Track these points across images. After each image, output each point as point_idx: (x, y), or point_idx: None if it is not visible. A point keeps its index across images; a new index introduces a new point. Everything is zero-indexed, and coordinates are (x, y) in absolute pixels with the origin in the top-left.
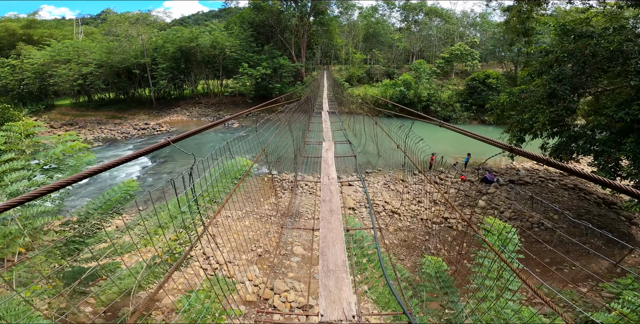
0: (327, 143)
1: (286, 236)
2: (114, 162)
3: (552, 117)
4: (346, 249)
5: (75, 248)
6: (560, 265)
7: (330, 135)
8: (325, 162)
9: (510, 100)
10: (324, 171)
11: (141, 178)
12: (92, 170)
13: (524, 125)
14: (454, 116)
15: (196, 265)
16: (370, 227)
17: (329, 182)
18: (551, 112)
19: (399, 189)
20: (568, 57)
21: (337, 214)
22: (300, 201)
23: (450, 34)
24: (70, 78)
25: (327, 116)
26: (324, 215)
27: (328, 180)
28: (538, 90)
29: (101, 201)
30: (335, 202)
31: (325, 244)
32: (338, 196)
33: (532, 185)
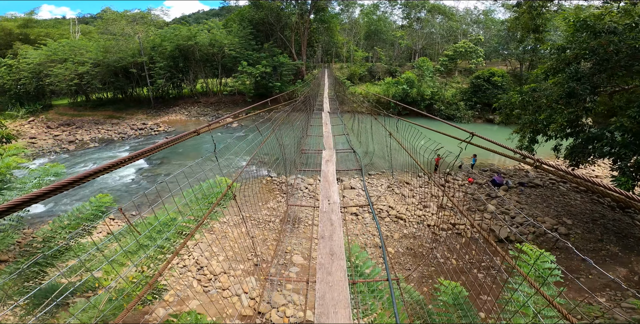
0: (328, 153)
1: (284, 245)
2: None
3: (571, 118)
4: (353, 315)
5: (40, 270)
6: (576, 274)
7: (331, 141)
8: (325, 179)
9: (522, 99)
10: (324, 192)
11: (136, 180)
12: (89, 171)
13: (537, 125)
14: (458, 115)
15: (189, 276)
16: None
17: (330, 209)
18: (570, 112)
19: (403, 193)
20: (590, 54)
21: (340, 259)
22: (299, 204)
23: (453, 32)
24: (67, 78)
25: (328, 118)
26: (322, 260)
27: (328, 205)
28: (554, 89)
29: (70, 219)
30: (338, 240)
31: (324, 309)
32: (341, 229)
33: (543, 188)
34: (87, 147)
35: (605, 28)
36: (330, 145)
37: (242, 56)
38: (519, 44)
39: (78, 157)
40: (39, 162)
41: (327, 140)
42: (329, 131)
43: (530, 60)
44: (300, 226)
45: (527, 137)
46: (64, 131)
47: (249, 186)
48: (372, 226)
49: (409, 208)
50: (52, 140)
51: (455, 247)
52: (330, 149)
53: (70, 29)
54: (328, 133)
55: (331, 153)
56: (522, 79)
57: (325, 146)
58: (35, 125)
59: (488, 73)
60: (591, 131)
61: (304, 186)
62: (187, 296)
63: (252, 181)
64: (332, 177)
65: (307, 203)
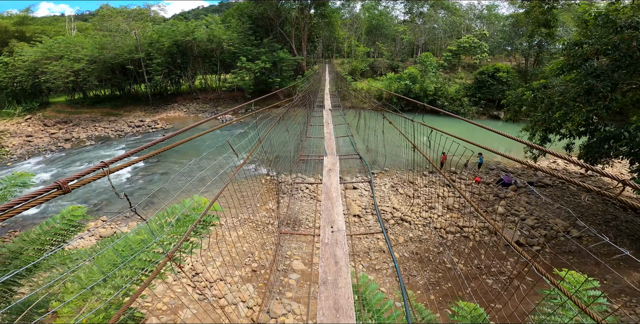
0: (331, 160)
1: (284, 249)
2: None
3: (590, 117)
4: None
5: (7, 289)
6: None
7: (334, 144)
8: (328, 195)
9: (535, 96)
10: (326, 214)
11: (131, 179)
12: None
13: (551, 124)
14: (461, 111)
15: (184, 282)
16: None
17: (334, 240)
18: (588, 110)
19: (408, 193)
20: (612, 49)
21: (349, 317)
22: (300, 208)
23: (456, 27)
24: (62, 75)
25: (330, 116)
26: (323, 318)
27: (332, 233)
28: (571, 86)
29: (37, 234)
30: (345, 286)
31: None
32: (349, 269)
33: (553, 188)
34: (83, 145)
35: (628, 23)
36: (332, 150)
37: (241, 52)
38: (528, 39)
39: (74, 155)
40: (34, 160)
41: (329, 143)
42: (330, 132)
43: (535, 56)
44: (300, 228)
45: (538, 135)
46: (61, 129)
47: (247, 186)
48: (376, 229)
49: (414, 210)
50: (48, 138)
51: (463, 251)
52: (333, 155)
53: (66, 26)
54: (330, 134)
55: (334, 160)
56: (528, 75)
57: (327, 150)
58: (32, 123)
59: (493, 69)
60: (608, 130)
61: (304, 186)
62: (182, 304)
63: (251, 181)
64: (335, 193)
65: (307, 204)
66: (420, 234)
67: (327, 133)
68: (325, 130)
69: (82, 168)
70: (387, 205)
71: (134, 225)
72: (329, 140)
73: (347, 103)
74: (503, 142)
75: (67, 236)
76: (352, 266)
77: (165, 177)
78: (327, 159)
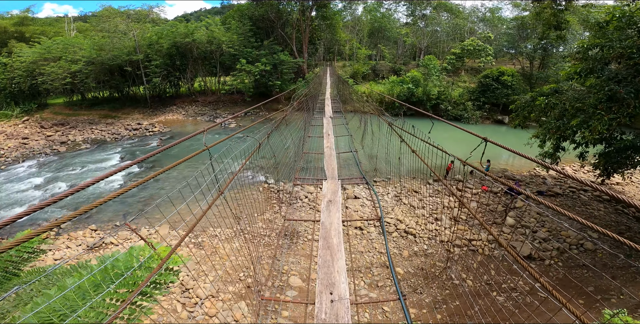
0: (331, 187)
1: (281, 264)
2: None
3: (612, 125)
4: None
5: None
6: (606, 294)
7: (335, 164)
8: (327, 243)
9: (548, 102)
10: (324, 272)
11: (123, 186)
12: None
13: (566, 131)
14: (465, 115)
15: (173, 298)
16: None
17: (333, 315)
18: (611, 119)
19: (412, 203)
20: (637, 53)
21: None
22: (298, 218)
23: (459, 29)
24: (60, 77)
25: (331, 126)
26: None
27: (330, 303)
28: (589, 91)
29: None
30: None
31: None
32: None
33: (563, 197)
34: (78, 148)
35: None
36: (333, 171)
37: (241, 54)
38: (538, 41)
39: (68, 159)
40: (28, 163)
41: (329, 162)
42: (331, 146)
43: (541, 59)
44: (298, 241)
45: (550, 143)
46: (57, 131)
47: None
48: (378, 243)
49: (419, 222)
50: (44, 141)
51: (471, 266)
52: (334, 180)
53: (65, 26)
54: (330, 150)
55: (335, 187)
56: (533, 79)
57: (327, 172)
58: (29, 125)
59: (497, 73)
60: (626, 138)
61: (304, 195)
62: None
63: (248, 189)
64: (337, 238)
65: (306, 214)
66: (426, 248)
67: (327, 148)
68: (325, 144)
69: (75, 173)
70: (390, 217)
71: (124, 234)
72: (329, 157)
73: (349, 107)
74: (503, 149)
75: (21, 263)
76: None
77: (159, 184)
78: (327, 185)
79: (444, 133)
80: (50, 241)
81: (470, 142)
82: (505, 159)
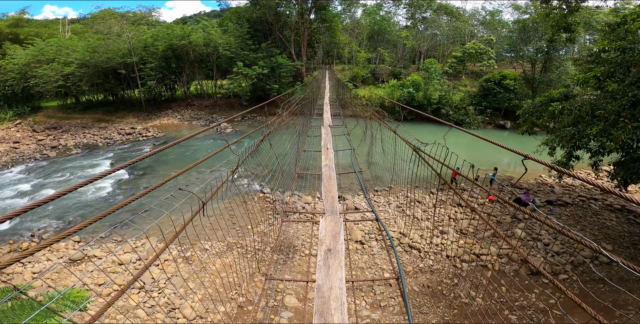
0: (330, 226)
1: (275, 282)
2: None
3: (637, 134)
4: None
5: None
6: (624, 309)
7: (335, 191)
8: (323, 318)
9: (562, 108)
10: None
11: (113, 192)
12: None
13: (581, 139)
14: (467, 120)
15: (159, 318)
16: None
17: None
18: (635, 127)
19: (416, 214)
20: None
21: None
22: (295, 231)
23: (459, 33)
24: (52, 79)
25: (330, 137)
26: None
27: None
28: (606, 96)
29: None
30: None
31: None
32: None
33: (573, 206)
34: (69, 153)
35: None
36: (333, 202)
37: (238, 56)
38: (548, 43)
39: (57, 165)
40: (17, 169)
41: (328, 187)
42: (330, 164)
43: (543, 63)
44: (294, 256)
45: (563, 151)
46: (49, 135)
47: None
48: (380, 258)
49: (424, 235)
50: (35, 145)
51: (481, 283)
52: (334, 215)
53: (60, 28)
54: (330, 168)
55: (337, 228)
56: (535, 83)
57: (325, 202)
58: (21, 128)
59: (499, 76)
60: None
61: (301, 205)
62: None
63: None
64: (339, 315)
65: (303, 228)
66: (432, 263)
67: (326, 166)
68: (323, 161)
69: (63, 179)
70: (392, 230)
71: (109, 246)
72: (327, 180)
73: (349, 112)
74: (505, 154)
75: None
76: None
77: (150, 192)
78: (325, 224)
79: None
80: None
81: (474, 148)
82: (513, 166)
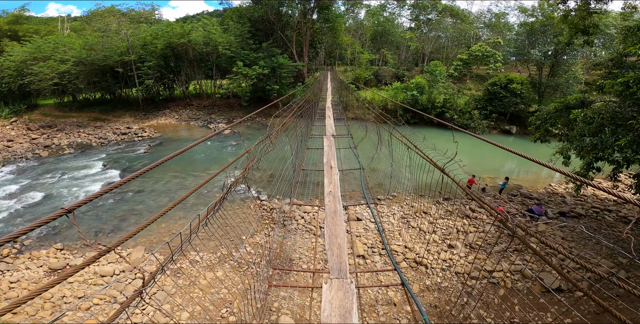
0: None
1: (270, 299)
2: None
3: None
4: None
5: None
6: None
7: (344, 239)
8: None
9: (584, 115)
10: None
11: (102, 197)
12: None
13: (605, 150)
14: (471, 124)
15: None
16: None
17: None
18: None
19: (422, 226)
20: None
21: None
22: (293, 243)
23: (464, 35)
24: (47, 77)
25: (334, 150)
26: None
27: None
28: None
29: None
30: None
31: None
32: None
33: (587, 218)
34: (61, 153)
35: None
36: (340, 259)
37: (238, 56)
38: (565, 46)
39: (48, 165)
40: (7, 169)
41: (335, 234)
42: (336, 192)
43: (550, 67)
44: (291, 271)
45: (582, 162)
46: (44, 134)
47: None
48: (384, 275)
49: (431, 250)
50: (28, 144)
51: (492, 302)
52: (343, 279)
53: (58, 25)
54: (335, 201)
55: (347, 301)
56: (542, 87)
57: (330, 259)
58: (16, 126)
59: (506, 80)
60: None
61: (299, 215)
62: None
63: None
64: None
65: (302, 239)
66: (439, 281)
67: (330, 194)
68: (326, 188)
69: (52, 181)
70: (397, 243)
71: (93, 255)
72: (332, 218)
73: (349, 114)
74: (508, 160)
75: None
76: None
77: (138, 196)
78: (331, 294)
79: (447, 142)
80: (9, 260)
81: (477, 153)
82: (524, 174)
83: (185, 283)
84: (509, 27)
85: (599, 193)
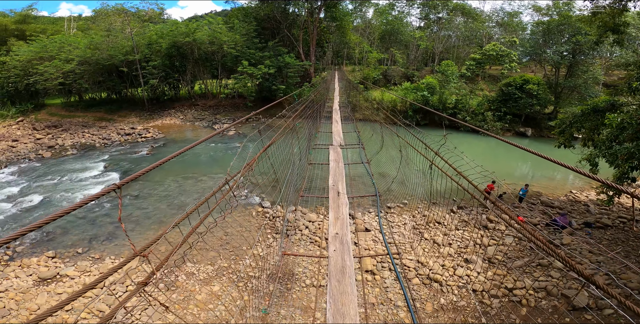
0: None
1: (270, 318)
2: None
3: None
4: None
5: None
6: None
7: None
8: None
9: (621, 121)
10: None
11: (98, 201)
12: None
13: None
14: (485, 126)
15: None
16: None
17: None
18: None
19: (436, 238)
20: None
21: None
22: (295, 256)
23: (475, 34)
24: (52, 76)
25: (341, 165)
26: None
27: None
28: None
29: None
30: None
31: None
32: None
33: (613, 229)
34: (64, 154)
35: None
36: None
37: (243, 55)
38: (594, 45)
39: (50, 166)
40: (10, 170)
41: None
42: (344, 236)
43: (568, 67)
44: (293, 286)
45: (617, 171)
46: (49, 134)
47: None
48: (394, 292)
49: (446, 265)
50: (32, 144)
51: (514, 323)
52: None
53: (65, 25)
54: (344, 249)
55: None
56: (559, 88)
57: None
58: (22, 126)
59: (521, 81)
60: None
61: (303, 224)
62: None
63: (240, 212)
64: None
65: (305, 251)
66: (455, 299)
67: (336, 238)
68: (330, 229)
69: (52, 183)
70: (410, 258)
71: (84, 265)
72: (339, 280)
73: (358, 115)
74: (522, 164)
75: None
76: None
77: (137, 201)
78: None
79: (460, 145)
80: (0, 268)
81: (489, 156)
82: (540, 179)
83: (179, 298)
84: (522, 26)
85: (624, 202)
